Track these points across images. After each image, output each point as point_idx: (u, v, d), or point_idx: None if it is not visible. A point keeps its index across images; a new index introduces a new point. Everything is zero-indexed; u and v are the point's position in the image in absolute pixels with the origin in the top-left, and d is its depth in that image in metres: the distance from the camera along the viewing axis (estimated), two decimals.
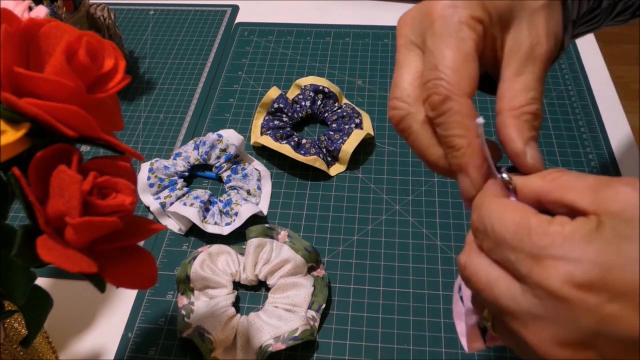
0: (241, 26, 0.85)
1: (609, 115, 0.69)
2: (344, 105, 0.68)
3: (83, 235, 0.27)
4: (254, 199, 0.60)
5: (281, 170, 0.64)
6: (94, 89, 0.30)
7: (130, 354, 0.50)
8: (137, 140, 0.69)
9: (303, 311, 0.50)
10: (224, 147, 0.62)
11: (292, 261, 0.51)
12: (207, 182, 0.64)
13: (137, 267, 0.31)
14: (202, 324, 0.48)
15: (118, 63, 0.30)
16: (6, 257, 0.28)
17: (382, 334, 0.50)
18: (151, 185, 0.60)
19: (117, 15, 0.88)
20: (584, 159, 0.64)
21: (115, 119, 0.32)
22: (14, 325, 0.44)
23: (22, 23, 0.28)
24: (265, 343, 0.47)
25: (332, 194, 0.62)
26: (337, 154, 0.63)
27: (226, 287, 0.52)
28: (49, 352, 0.49)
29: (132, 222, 0.31)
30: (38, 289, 0.35)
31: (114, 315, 0.53)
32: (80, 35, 0.28)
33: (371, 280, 0.54)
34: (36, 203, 0.26)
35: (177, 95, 0.75)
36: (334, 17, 0.85)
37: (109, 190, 0.29)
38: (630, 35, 2.07)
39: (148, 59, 0.80)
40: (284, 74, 0.77)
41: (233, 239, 0.58)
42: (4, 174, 0.27)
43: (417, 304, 0.52)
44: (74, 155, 0.28)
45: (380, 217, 0.59)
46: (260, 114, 0.68)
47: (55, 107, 0.27)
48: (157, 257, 0.57)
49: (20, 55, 0.28)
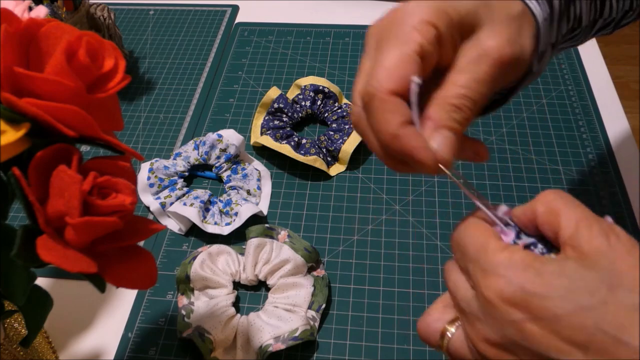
0: (241, 26, 0.85)
1: (609, 115, 0.69)
2: (344, 105, 0.68)
3: (83, 235, 0.27)
4: (254, 199, 0.60)
5: (281, 170, 0.64)
6: (94, 89, 0.30)
7: (130, 354, 0.50)
8: (137, 140, 0.69)
9: (303, 311, 0.50)
10: (224, 147, 0.62)
11: (292, 261, 0.51)
12: (207, 182, 0.64)
13: (137, 267, 0.31)
14: (202, 324, 0.48)
15: (118, 63, 0.30)
16: (6, 257, 0.28)
17: (382, 334, 0.50)
18: (151, 185, 0.60)
19: (117, 15, 0.88)
20: (584, 159, 0.64)
21: (115, 119, 0.32)
22: (14, 325, 0.44)
23: (22, 23, 0.28)
24: (265, 343, 0.47)
25: (332, 194, 0.62)
26: (337, 154, 0.63)
27: (226, 287, 0.52)
28: (49, 352, 0.49)
29: (132, 222, 0.31)
30: (38, 289, 0.35)
31: (114, 315, 0.53)
32: (80, 35, 0.28)
33: (371, 280, 0.54)
34: (36, 203, 0.26)
35: (177, 95, 0.75)
36: (334, 17, 0.85)
37: (109, 190, 0.29)
38: (630, 35, 2.07)
39: (148, 59, 0.80)
40: (284, 74, 0.77)
41: (233, 239, 0.58)
42: (4, 174, 0.27)
43: (417, 304, 0.52)
44: (74, 155, 0.28)
45: (380, 217, 0.59)
46: (260, 114, 0.68)
47: (55, 107, 0.27)
48: (157, 257, 0.57)
49: (20, 55, 0.28)
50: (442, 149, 0.28)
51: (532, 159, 0.64)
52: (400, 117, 0.28)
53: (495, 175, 0.63)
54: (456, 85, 0.29)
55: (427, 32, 0.28)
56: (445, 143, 0.28)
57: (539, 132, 0.67)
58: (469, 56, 0.29)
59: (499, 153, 0.65)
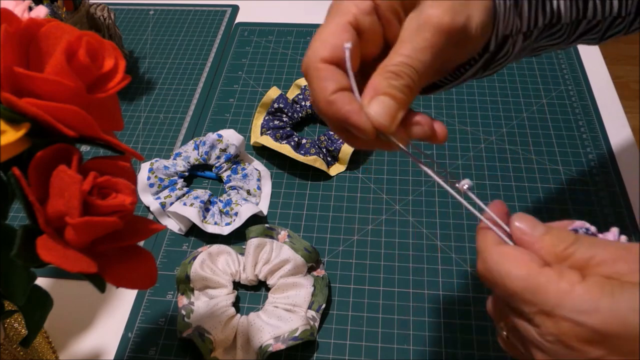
0: (241, 26, 0.85)
1: (609, 115, 0.69)
2: None
3: (83, 235, 0.27)
4: (254, 199, 0.60)
5: (281, 170, 0.64)
6: (94, 89, 0.30)
7: (130, 354, 0.50)
8: (137, 140, 0.69)
9: (303, 311, 0.50)
10: (224, 147, 0.62)
11: (292, 261, 0.51)
12: (207, 182, 0.64)
13: (137, 267, 0.31)
14: (202, 324, 0.48)
15: (118, 63, 0.30)
16: (6, 257, 0.28)
17: (382, 334, 0.50)
18: (151, 185, 0.60)
19: (117, 15, 0.88)
20: (584, 159, 0.64)
21: (115, 119, 0.32)
22: (14, 325, 0.44)
23: (22, 23, 0.28)
24: (265, 343, 0.47)
25: (332, 194, 0.62)
26: (337, 154, 0.63)
27: (226, 287, 0.52)
28: (49, 352, 0.49)
29: (132, 222, 0.31)
30: (38, 289, 0.35)
31: (114, 315, 0.53)
32: (80, 35, 0.28)
33: (371, 280, 0.54)
34: (36, 203, 0.26)
35: (177, 95, 0.75)
36: None
37: (109, 190, 0.29)
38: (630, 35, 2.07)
39: (148, 59, 0.80)
40: (284, 74, 0.77)
41: (233, 239, 0.58)
42: (4, 174, 0.27)
43: (417, 304, 0.52)
44: (74, 155, 0.28)
45: (380, 217, 0.59)
46: (260, 114, 0.68)
47: (55, 107, 0.27)
48: (157, 257, 0.57)
49: (20, 55, 0.28)
50: (380, 115, 0.28)
51: (532, 159, 0.64)
52: (334, 84, 0.28)
53: (496, 176, 0.63)
54: (397, 53, 0.29)
55: (363, 5, 0.29)
56: (382, 109, 0.28)
57: (539, 132, 0.67)
58: (411, 26, 0.29)
59: (499, 153, 0.65)
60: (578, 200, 0.60)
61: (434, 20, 0.29)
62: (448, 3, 0.29)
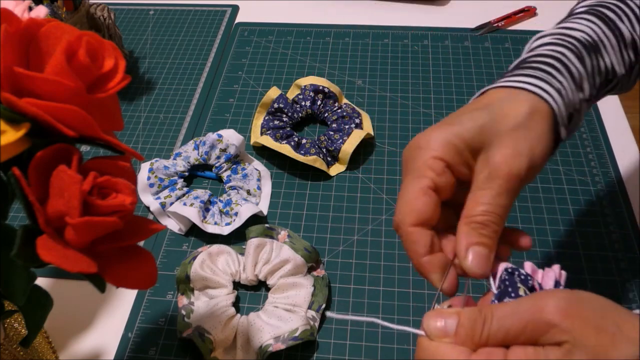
0: (241, 26, 0.85)
1: (609, 115, 0.69)
2: (344, 105, 0.68)
3: (83, 235, 0.27)
4: (254, 199, 0.60)
5: (281, 170, 0.64)
6: (94, 89, 0.30)
7: (130, 354, 0.50)
8: (137, 140, 0.69)
9: (303, 311, 0.50)
10: (224, 147, 0.62)
11: (292, 261, 0.51)
12: (207, 182, 0.64)
13: (137, 267, 0.31)
14: (202, 324, 0.48)
15: (118, 63, 0.30)
16: (6, 257, 0.28)
17: (382, 334, 0.50)
18: (151, 185, 0.60)
19: (117, 15, 0.88)
20: (584, 159, 0.64)
21: (115, 119, 0.32)
22: (14, 325, 0.44)
23: (22, 23, 0.28)
24: (265, 343, 0.47)
25: (332, 194, 0.62)
26: (337, 154, 0.63)
27: (226, 287, 0.52)
28: (49, 352, 0.49)
29: (132, 222, 0.31)
30: (38, 289, 0.35)
31: (114, 315, 0.53)
32: (80, 35, 0.28)
33: (371, 280, 0.54)
34: (36, 203, 0.26)
35: (177, 95, 0.75)
36: (334, 17, 0.85)
37: (109, 190, 0.29)
38: None
39: (148, 59, 0.80)
40: (284, 74, 0.77)
41: (233, 239, 0.58)
42: (4, 174, 0.27)
43: (417, 304, 0.52)
44: (74, 155, 0.28)
45: (380, 217, 0.59)
46: (260, 114, 0.68)
47: (55, 107, 0.27)
48: (157, 257, 0.57)
49: (20, 55, 0.28)
50: (476, 265, 0.31)
51: None
52: (422, 248, 0.32)
53: None
54: (478, 202, 0.32)
55: (437, 167, 0.32)
56: (478, 260, 0.31)
57: None
58: (483, 173, 0.32)
59: None
60: (578, 201, 0.60)
61: (503, 168, 0.31)
62: (511, 146, 0.31)
